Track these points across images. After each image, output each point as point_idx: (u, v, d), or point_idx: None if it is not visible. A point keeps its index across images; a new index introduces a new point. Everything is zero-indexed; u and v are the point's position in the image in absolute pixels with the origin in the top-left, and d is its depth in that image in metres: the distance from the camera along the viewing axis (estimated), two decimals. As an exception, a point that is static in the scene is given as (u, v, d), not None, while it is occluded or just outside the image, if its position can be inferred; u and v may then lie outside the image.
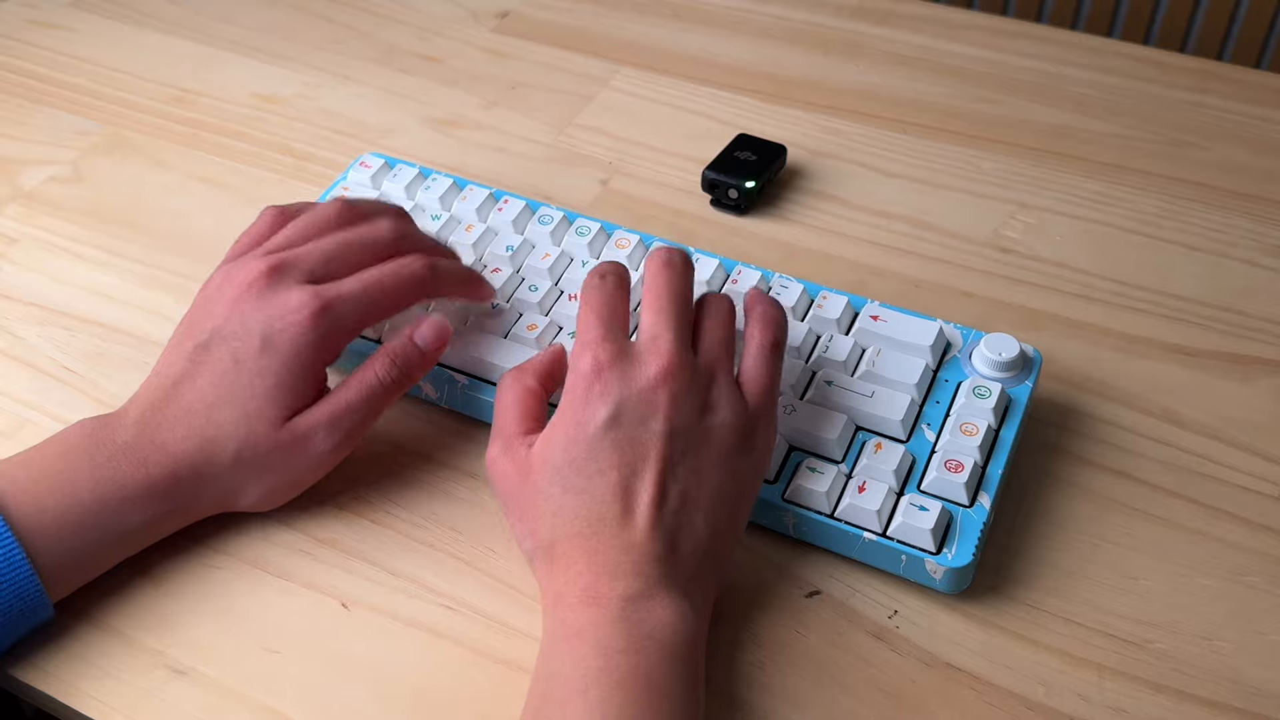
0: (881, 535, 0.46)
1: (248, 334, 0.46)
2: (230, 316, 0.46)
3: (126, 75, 0.75)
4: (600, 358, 0.44)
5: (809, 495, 0.47)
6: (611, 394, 0.43)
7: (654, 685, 0.39)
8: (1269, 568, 0.48)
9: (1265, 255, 0.61)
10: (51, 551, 0.43)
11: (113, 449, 0.45)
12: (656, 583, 0.41)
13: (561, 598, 0.42)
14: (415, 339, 0.49)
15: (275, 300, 0.46)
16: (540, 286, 0.55)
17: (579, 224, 0.59)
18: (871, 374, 0.51)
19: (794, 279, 0.56)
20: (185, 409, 0.46)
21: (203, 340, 0.46)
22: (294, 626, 0.46)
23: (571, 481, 0.43)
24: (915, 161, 0.68)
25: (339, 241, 0.49)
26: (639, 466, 0.43)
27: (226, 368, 0.46)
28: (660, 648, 0.40)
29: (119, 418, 0.46)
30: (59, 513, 0.43)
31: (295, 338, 0.46)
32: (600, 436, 0.43)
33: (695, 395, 0.44)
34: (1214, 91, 0.72)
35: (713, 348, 0.46)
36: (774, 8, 0.80)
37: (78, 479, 0.44)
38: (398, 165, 0.63)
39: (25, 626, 0.44)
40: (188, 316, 0.49)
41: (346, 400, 0.47)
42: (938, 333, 0.52)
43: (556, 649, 0.41)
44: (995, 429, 0.49)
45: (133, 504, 0.45)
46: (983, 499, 0.47)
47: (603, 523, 0.42)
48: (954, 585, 0.46)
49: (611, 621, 0.40)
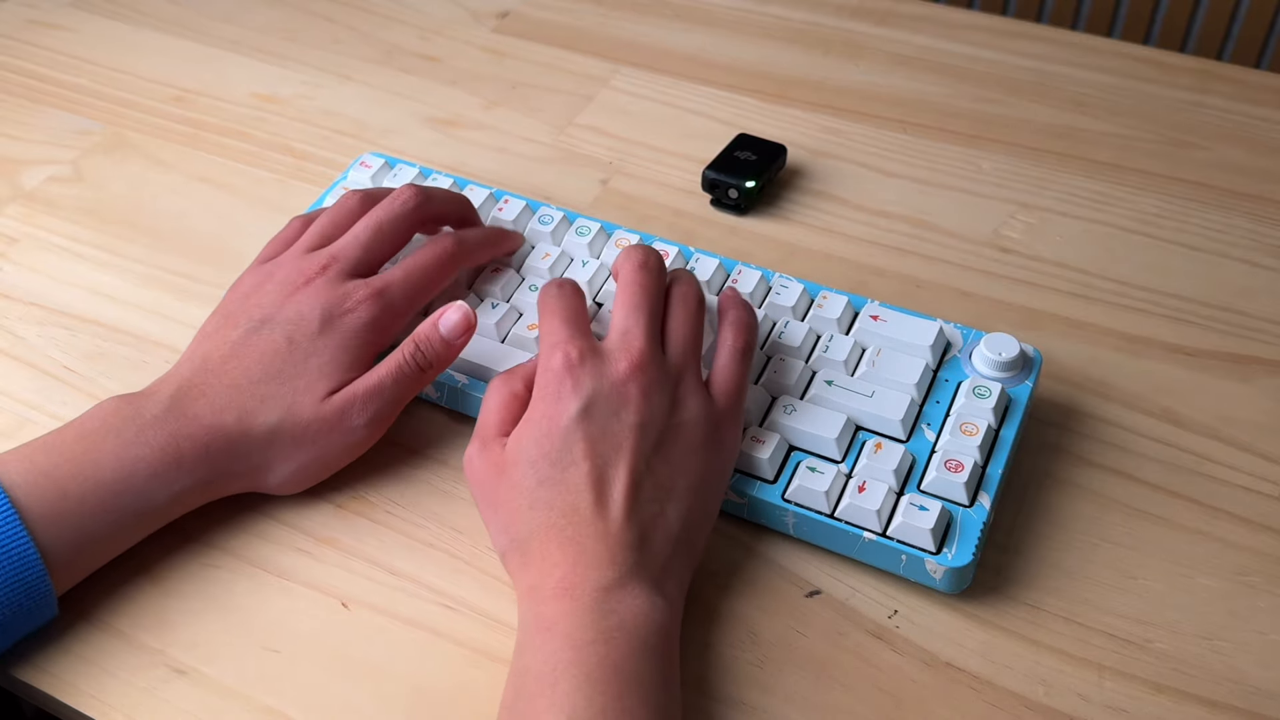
0: (881, 535, 0.46)
1: (304, 320, 0.48)
2: (285, 305, 0.49)
3: (126, 75, 0.75)
4: (571, 354, 0.45)
5: (809, 495, 0.47)
6: (584, 388, 0.44)
7: (624, 675, 0.39)
8: (1269, 568, 0.48)
9: (1265, 255, 0.61)
10: (67, 538, 0.44)
11: (141, 423, 0.46)
12: (629, 572, 0.42)
13: (536, 590, 0.42)
14: (440, 325, 0.50)
15: (333, 291, 0.49)
16: (540, 286, 0.55)
17: (579, 224, 0.59)
18: (871, 374, 0.51)
19: (794, 279, 0.56)
20: (229, 384, 0.47)
21: (252, 326, 0.48)
22: (294, 626, 0.46)
23: (545, 473, 0.44)
24: (915, 161, 0.68)
25: (371, 225, 0.52)
26: (612, 457, 0.44)
27: (279, 348, 0.48)
28: (631, 638, 0.40)
29: (149, 395, 0.47)
30: (80, 496, 0.44)
31: (354, 320, 0.49)
32: (573, 429, 0.44)
33: (665, 390, 0.46)
34: (1214, 91, 0.72)
35: (680, 347, 0.48)
36: (774, 8, 0.80)
37: (102, 458, 0.45)
38: (398, 165, 0.63)
39: (30, 625, 0.44)
40: (220, 311, 0.50)
41: (379, 378, 0.49)
42: (938, 333, 0.52)
43: (530, 642, 0.41)
44: (995, 429, 0.49)
45: (159, 479, 0.45)
46: (983, 499, 0.47)
47: (577, 512, 0.43)
48: (954, 585, 0.46)
49: (584, 612, 0.41)
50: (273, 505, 0.50)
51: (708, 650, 0.45)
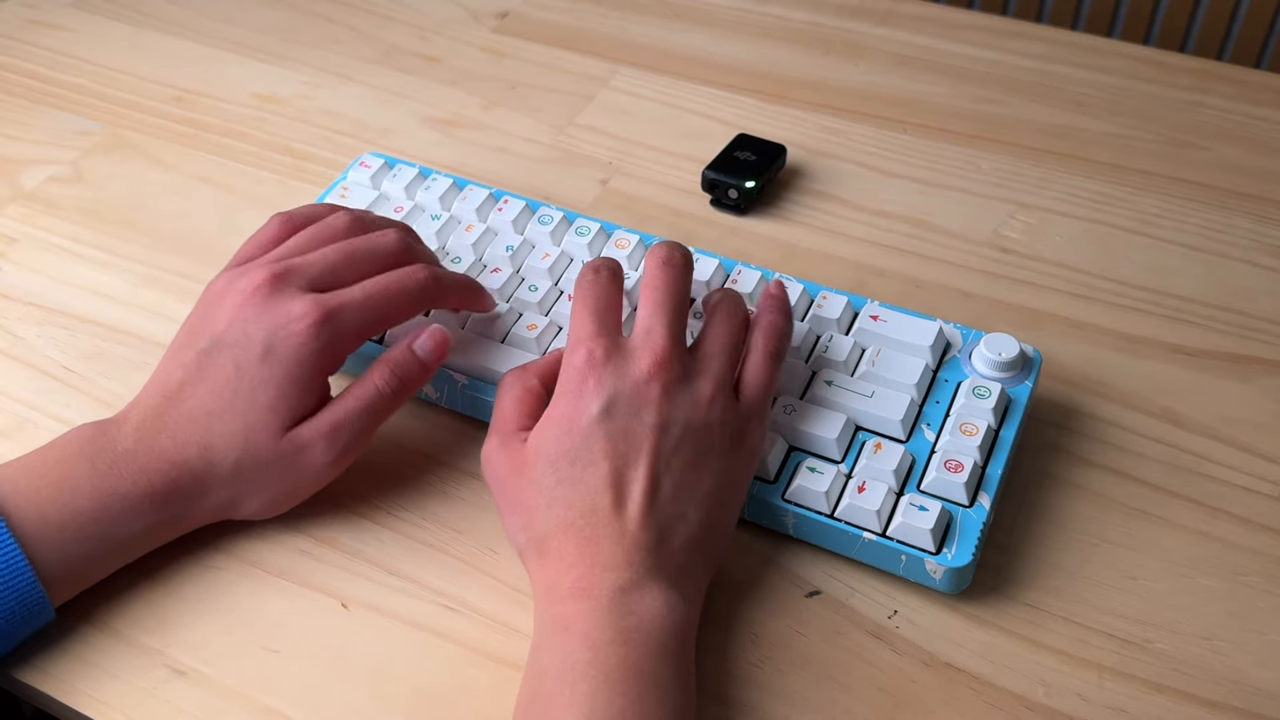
0: (881, 535, 0.46)
1: (249, 342, 0.46)
2: (232, 324, 0.46)
3: (126, 75, 0.75)
4: (594, 352, 0.45)
5: (809, 495, 0.47)
6: (605, 387, 0.44)
7: (643, 677, 0.39)
8: (1269, 568, 0.48)
9: (1265, 255, 0.61)
10: (53, 558, 0.43)
11: (113, 456, 0.45)
12: (646, 573, 0.42)
13: (553, 590, 0.42)
14: (415, 349, 0.48)
15: (278, 309, 0.46)
16: (540, 287, 0.55)
17: (579, 224, 0.59)
18: (871, 374, 0.51)
19: (794, 279, 0.56)
20: (186, 416, 0.45)
21: (204, 347, 0.46)
22: (294, 626, 0.46)
23: (565, 472, 0.43)
24: (915, 161, 0.68)
25: (344, 250, 0.49)
26: (632, 457, 0.43)
27: (228, 376, 0.46)
28: (649, 639, 0.40)
29: (118, 424, 0.46)
30: (60, 520, 0.43)
31: (297, 347, 0.45)
32: (594, 428, 0.43)
33: (687, 390, 0.45)
34: (1214, 91, 0.72)
35: (715, 348, 0.47)
36: (774, 8, 0.80)
37: (79, 486, 0.44)
38: (397, 165, 0.63)
39: (27, 630, 0.44)
40: (189, 321, 0.48)
41: (346, 410, 0.47)
42: (937, 333, 0.52)
43: (547, 642, 0.41)
44: (995, 429, 0.49)
45: (134, 511, 0.44)
46: (982, 499, 0.47)
47: (595, 513, 0.43)
48: (954, 585, 0.46)
49: (601, 613, 0.40)
50: (273, 505, 0.50)
51: (708, 650, 0.45)
